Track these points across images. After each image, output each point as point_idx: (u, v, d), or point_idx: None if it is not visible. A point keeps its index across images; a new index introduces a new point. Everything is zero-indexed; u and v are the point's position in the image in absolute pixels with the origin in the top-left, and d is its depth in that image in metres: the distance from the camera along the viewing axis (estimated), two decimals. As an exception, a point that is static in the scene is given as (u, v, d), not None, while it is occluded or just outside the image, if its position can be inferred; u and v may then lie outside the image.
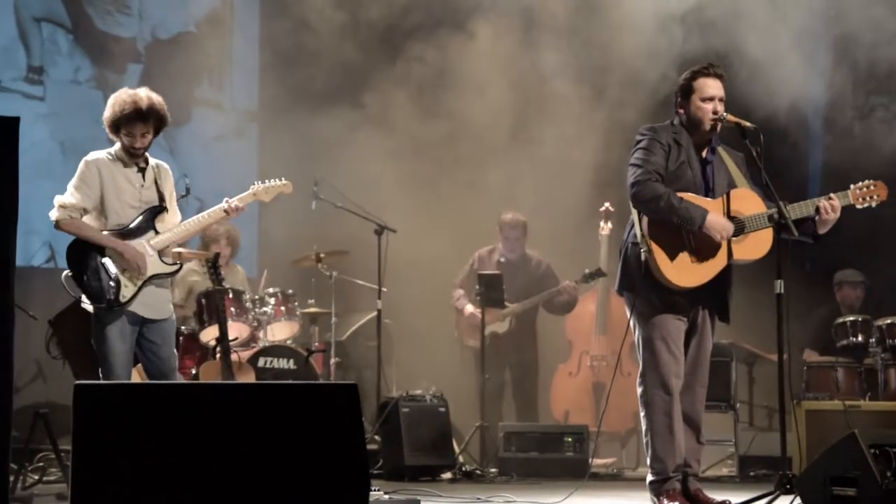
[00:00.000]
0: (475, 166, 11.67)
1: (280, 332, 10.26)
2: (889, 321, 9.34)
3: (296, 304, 10.36)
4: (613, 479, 9.49)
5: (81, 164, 7.13)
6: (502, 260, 10.66)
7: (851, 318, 9.68)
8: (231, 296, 9.63)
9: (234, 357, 8.87)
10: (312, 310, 10.63)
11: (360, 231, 10.15)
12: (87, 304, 7.02)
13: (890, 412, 8.69)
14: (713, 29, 10.82)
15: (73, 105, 11.58)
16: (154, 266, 7.06)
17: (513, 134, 11.93)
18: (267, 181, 7.54)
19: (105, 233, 7.04)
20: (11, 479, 7.02)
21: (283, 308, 10.18)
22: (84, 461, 4.68)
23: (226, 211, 7.32)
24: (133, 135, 7.05)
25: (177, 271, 7.25)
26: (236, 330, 9.56)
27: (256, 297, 10.13)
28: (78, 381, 4.82)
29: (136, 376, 7.92)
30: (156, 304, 7.08)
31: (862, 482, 5.87)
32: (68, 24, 11.75)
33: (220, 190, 11.15)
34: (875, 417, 8.54)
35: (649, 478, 6.60)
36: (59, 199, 7.05)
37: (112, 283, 6.94)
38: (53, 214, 7.04)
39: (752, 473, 9.23)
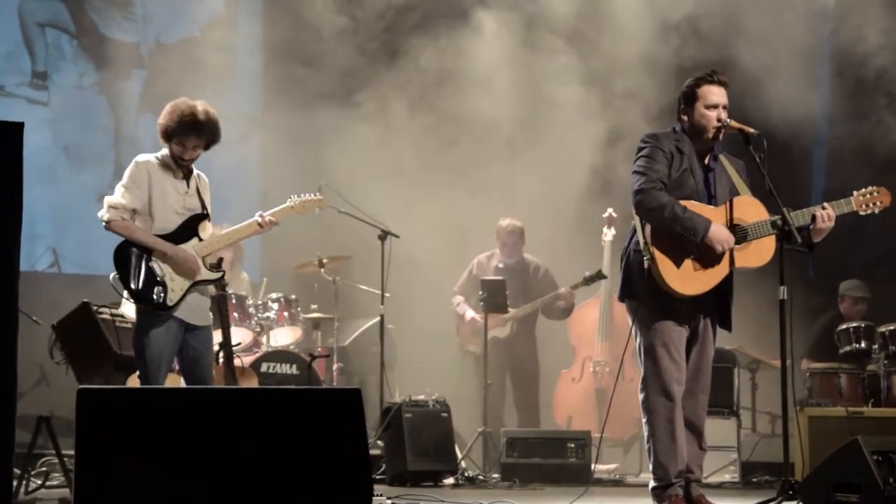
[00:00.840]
0: (479, 171, 11.68)
1: (283, 337, 10.26)
2: (892, 327, 9.33)
3: (298, 309, 10.37)
4: (616, 485, 9.50)
5: (132, 165, 7.04)
6: (500, 266, 10.67)
7: (854, 325, 9.68)
8: (234, 301, 9.64)
9: (236, 362, 8.86)
10: (315, 315, 10.63)
11: (364, 236, 10.15)
12: (129, 308, 6.99)
13: (893, 419, 8.69)
14: (710, 39, 10.88)
15: (76, 110, 11.60)
16: (201, 272, 7.08)
17: (516, 137, 11.94)
18: (303, 195, 7.58)
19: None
20: (15, 483, 7.02)
21: (285, 313, 10.18)
22: (87, 466, 4.69)
23: (259, 224, 7.34)
24: (185, 146, 7.02)
25: (220, 278, 7.23)
26: (239, 335, 9.57)
27: (259, 302, 10.14)
28: (81, 386, 4.83)
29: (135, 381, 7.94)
30: (198, 310, 7.10)
31: (864, 489, 5.88)
32: (72, 29, 11.77)
33: (222, 196, 11.16)
34: (878, 424, 8.53)
35: (651, 484, 6.60)
36: (109, 200, 6.95)
37: (159, 287, 6.93)
38: (104, 215, 6.94)
39: (754, 479, 9.25)
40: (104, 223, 6.96)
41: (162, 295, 6.92)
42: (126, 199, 6.97)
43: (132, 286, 6.93)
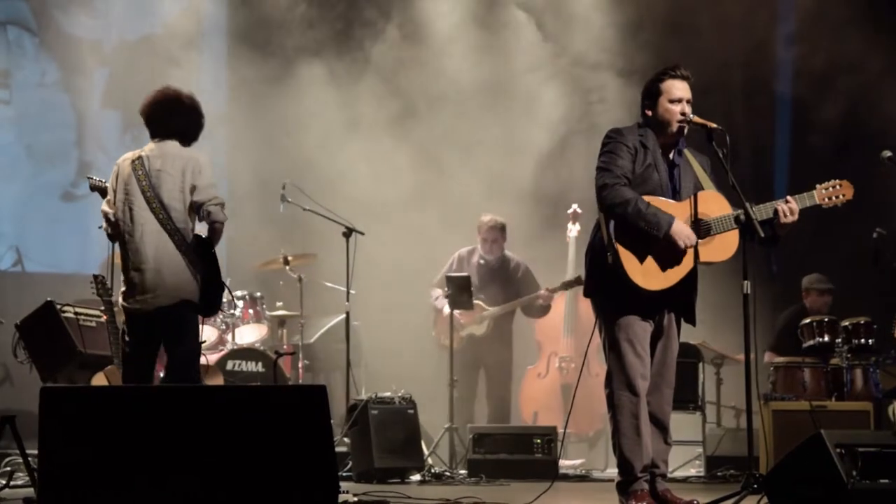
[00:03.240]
0: (443, 168, 11.69)
1: (248, 335, 10.24)
2: (855, 321, 9.39)
3: (264, 306, 10.35)
4: (582, 480, 9.51)
5: (211, 166, 7.13)
6: (481, 262, 10.66)
7: (818, 319, 9.71)
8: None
9: (202, 361, 8.85)
10: (281, 312, 10.63)
11: (328, 234, 10.14)
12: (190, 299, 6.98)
13: (856, 412, 8.75)
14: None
15: (39, 108, 11.54)
16: None
17: (484, 130, 11.97)
18: None
19: None
20: (-22, 484, 7.00)
21: (251, 311, 10.17)
22: (51, 464, 4.68)
23: None
24: None
25: None
26: (204, 333, 9.52)
27: (225, 300, 10.11)
28: (45, 385, 4.82)
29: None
30: None
31: (828, 482, 5.90)
32: (34, 27, 11.70)
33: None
34: (841, 417, 8.59)
35: (617, 479, 6.62)
36: (221, 198, 7.03)
37: None
38: (224, 215, 7.02)
39: (719, 474, 9.27)
40: (221, 223, 7.00)
41: None
42: None
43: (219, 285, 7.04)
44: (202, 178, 6.97)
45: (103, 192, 7.27)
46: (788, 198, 6.52)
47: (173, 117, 7.06)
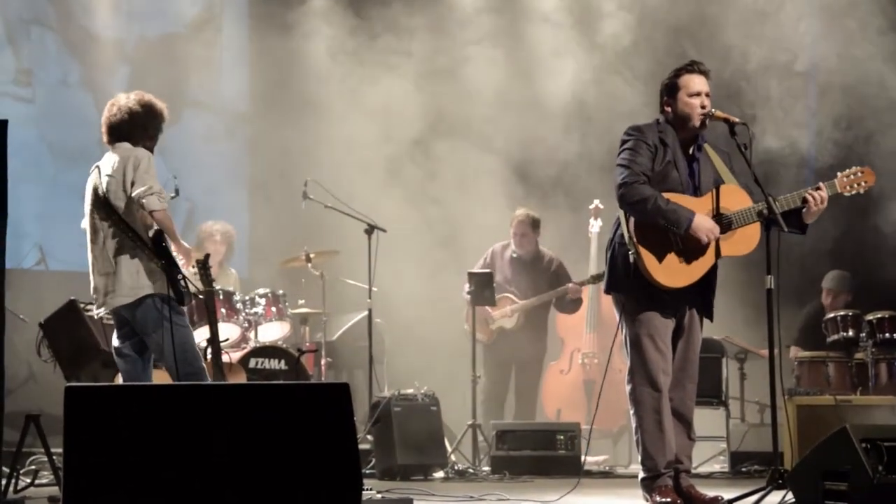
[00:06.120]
0: (465, 165, 11.67)
1: (271, 332, 10.24)
2: (879, 315, 9.36)
3: (286, 304, 10.36)
4: (606, 476, 9.50)
5: (150, 159, 7.08)
6: (514, 256, 10.63)
7: (842, 313, 9.68)
8: (221, 297, 9.63)
9: (224, 358, 8.86)
10: (303, 310, 10.63)
11: (351, 231, 10.14)
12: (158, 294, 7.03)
13: (881, 406, 8.71)
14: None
15: (61, 107, 11.56)
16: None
17: (506, 128, 11.94)
18: None
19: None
20: (3, 482, 7.01)
21: (273, 309, 10.17)
22: (75, 463, 4.69)
23: None
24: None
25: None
26: (227, 331, 9.55)
27: (247, 297, 10.13)
28: (69, 384, 4.82)
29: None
30: None
31: (853, 476, 5.88)
32: (57, 26, 11.73)
33: (209, 191, 11.15)
34: (866, 411, 8.55)
35: (641, 475, 6.61)
36: (158, 188, 6.98)
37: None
38: (160, 204, 6.97)
39: (743, 469, 9.25)
40: (157, 211, 6.97)
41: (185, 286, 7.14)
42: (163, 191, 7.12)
43: (175, 278, 7.05)
44: (138, 171, 7.01)
45: None
46: (820, 185, 6.51)
47: (119, 122, 7.17)
